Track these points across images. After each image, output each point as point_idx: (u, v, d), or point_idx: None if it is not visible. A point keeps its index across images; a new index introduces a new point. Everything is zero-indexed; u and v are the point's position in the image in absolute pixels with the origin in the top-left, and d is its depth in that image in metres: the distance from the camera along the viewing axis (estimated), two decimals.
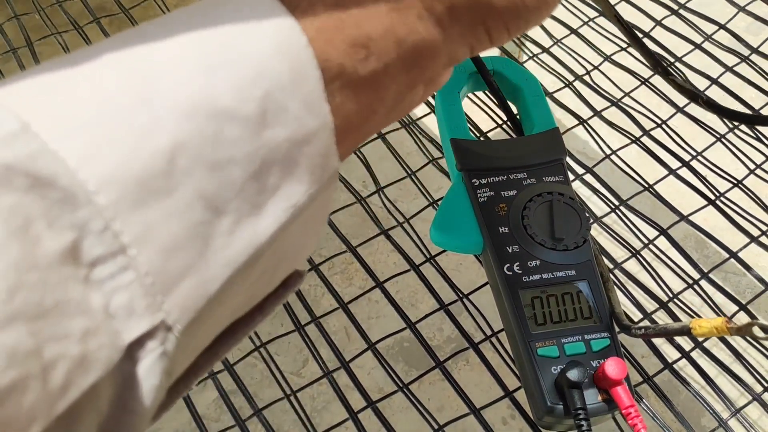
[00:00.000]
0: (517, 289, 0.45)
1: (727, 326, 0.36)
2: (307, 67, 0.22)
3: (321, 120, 0.22)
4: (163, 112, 0.19)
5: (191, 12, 0.22)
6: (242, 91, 0.21)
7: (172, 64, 0.20)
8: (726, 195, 0.61)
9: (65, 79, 0.19)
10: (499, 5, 0.25)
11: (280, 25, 0.22)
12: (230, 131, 0.20)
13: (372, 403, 0.51)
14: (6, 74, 0.75)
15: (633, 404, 0.40)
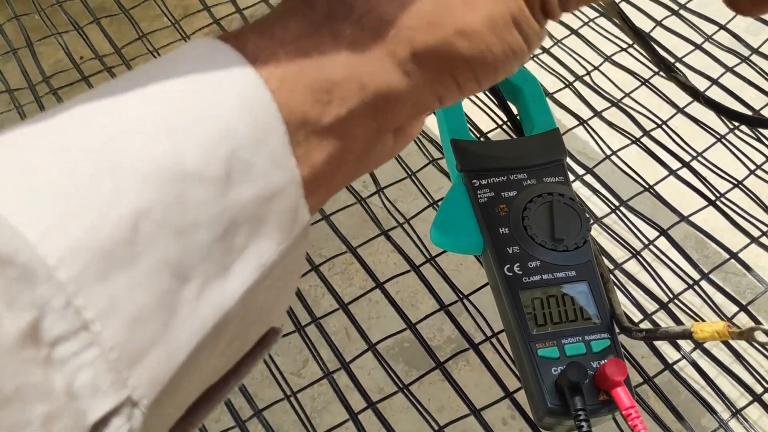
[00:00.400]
0: (518, 290, 0.45)
1: (729, 331, 0.36)
2: (272, 123, 0.21)
3: (288, 174, 0.22)
4: (127, 179, 0.19)
5: (155, 66, 0.22)
6: (207, 152, 0.20)
7: (137, 126, 0.20)
8: (726, 195, 0.61)
9: (27, 146, 0.19)
10: (466, 54, 0.24)
11: (243, 80, 0.21)
12: (196, 194, 0.20)
13: (372, 404, 0.51)
14: (6, 74, 0.75)
15: (633, 405, 0.40)
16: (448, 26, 0.24)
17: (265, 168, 0.21)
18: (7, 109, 0.73)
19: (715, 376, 0.52)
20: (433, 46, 0.24)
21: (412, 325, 0.54)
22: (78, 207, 0.18)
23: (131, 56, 0.76)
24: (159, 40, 0.78)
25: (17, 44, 0.77)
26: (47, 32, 0.78)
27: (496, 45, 0.25)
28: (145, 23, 0.81)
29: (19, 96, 0.72)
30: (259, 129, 0.21)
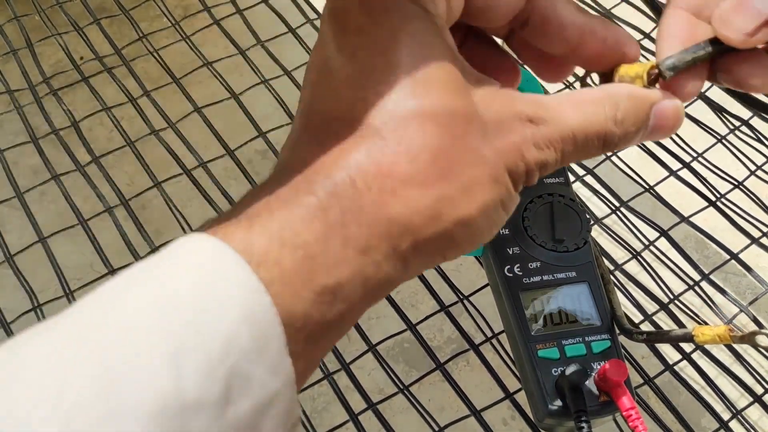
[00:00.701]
0: (518, 291, 0.44)
1: (731, 334, 0.36)
2: (271, 330, 0.22)
3: (284, 378, 0.22)
4: (130, 422, 0.19)
5: (157, 268, 0.22)
6: (208, 376, 0.20)
7: (139, 357, 0.20)
8: (726, 196, 0.61)
9: (29, 393, 0.19)
10: (461, 240, 0.25)
11: (246, 288, 0.21)
12: (196, 423, 0.20)
13: (372, 405, 0.51)
14: (6, 75, 0.75)
15: (634, 406, 0.40)
16: (449, 218, 0.24)
17: (263, 378, 0.21)
18: (8, 110, 0.73)
19: (715, 377, 0.52)
20: (433, 238, 0.24)
21: (412, 326, 0.54)
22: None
23: (131, 57, 0.76)
24: (159, 40, 0.78)
25: (17, 45, 0.77)
26: (47, 33, 0.78)
27: (485, 227, 0.25)
28: (145, 23, 0.81)
29: (19, 97, 0.72)
30: (259, 339, 0.21)
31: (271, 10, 0.77)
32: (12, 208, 0.66)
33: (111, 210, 0.63)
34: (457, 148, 0.24)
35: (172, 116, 0.70)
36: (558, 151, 0.26)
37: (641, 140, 0.28)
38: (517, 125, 0.25)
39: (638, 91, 0.27)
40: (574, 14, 0.29)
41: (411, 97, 0.24)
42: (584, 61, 0.29)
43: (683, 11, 0.28)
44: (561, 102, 0.26)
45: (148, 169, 0.66)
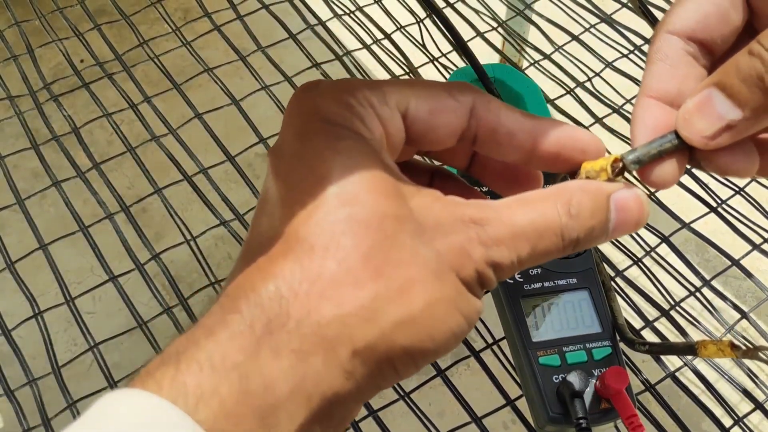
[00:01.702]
0: (519, 298, 0.44)
1: (734, 349, 0.36)
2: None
3: None
4: None
5: None
6: None
7: None
8: (727, 202, 0.61)
9: None
10: (406, 344, 0.24)
11: None
12: None
13: (373, 412, 0.51)
14: (6, 80, 0.75)
15: (634, 413, 0.40)
16: (386, 320, 0.23)
17: None
18: (8, 116, 0.73)
19: (715, 382, 0.52)
20: (372, 343, 0.23)
21: None
22: None
23: (132, 62, 0.76)
24: (160, 45, 0.78)
25: (18, 50, 0.77)
26: (47, 38, 0.78)
27: (436, 331, 0.24)
28: (146, 28, 0.81)
29: (19, 102, 0.72)
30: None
31: (271, 15, 0.77)
32: (12, 213, 0.66)
33: (111, 215, 0.63)
34: (389, 247, 0.24)
35: (172, 121, 0.70)
36: (510, 249, 0.25)
37: (610, 237, 0.27)
38: (459, 227, 0.25)
39: (591, 184, 0.27)
40: (520, 120, 0.28)
41: (339, 206, 0.24)
42: (545, 163, 0.29)
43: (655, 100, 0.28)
44: (509, 203, 0.26)
45: (149, 175, 0.66)
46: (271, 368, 0.22)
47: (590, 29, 0.76)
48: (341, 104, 0.26)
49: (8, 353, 0.55)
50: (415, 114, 0.28)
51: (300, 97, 0.27)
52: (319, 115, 0.26)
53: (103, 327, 0.61)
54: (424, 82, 0.28)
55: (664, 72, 0.28)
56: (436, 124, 0.28)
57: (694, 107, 0.26)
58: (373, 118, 0.27)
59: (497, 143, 0.29)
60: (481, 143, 0.29)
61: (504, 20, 0.78)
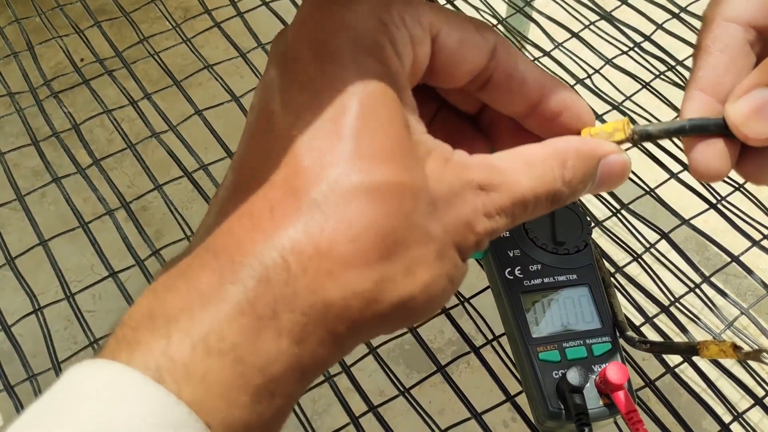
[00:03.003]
0: (519, 293, 0.44)
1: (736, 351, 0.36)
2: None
3: None
4: None
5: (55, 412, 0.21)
6: None
7: None
8: (727, 198, 0.61)
9: None
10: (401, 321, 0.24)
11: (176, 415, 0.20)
12: None
13: (373, 408, 0.51)
14: (6, 77, 0.75)
15: (634, 409, 0.40)
16: (388, 301, 0.23)
17: None
18: (8, 113, 0.73)
19: (716, 379, 0.52)
20: (369, 321, 0.23)
21: (412, 328, 0.54)
22: None
23: (132, 59, 0.76)
24: (160, 43, 0.78)
25: (18, 47, 0.77)
26: (48, 35, 0.78)
27: (428, 308, 0.25)
28: (146, 26, 0.81)
29: (19, 99, 0.73)
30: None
31: (271, 12, 0.77)
32: (12, 210, 0.66)
33: (111, 212, 0.63)
34: (402, 226, 0.23)
35: (172, 118, 0.70)
36: (509, 216, 0.25)
37: (587, 193, 0.27)
38: (468, 196, 0.24)
39: (587, 147, 0.27)
40: (535, 71, 0.28)
41: (356, 172, 0.23)
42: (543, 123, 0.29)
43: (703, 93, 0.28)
44: (512, 162, 0.25)
45: (149, 172, 0.66)
46: (269, 349, 0.22)
47: (590, 26, 0.76)
48: (375, 19, 0.24)
49: (8, 350, 0.55)
50: (445, 41, 0.26)
51: (331, 5, 0.25)
52: (347, 32, 0.24)
53: (103, 325, 0.61)
54: (455, 12, 0.27)
55: (722, 64, 0.28)
56: (462, 56, 0.27)
57: (750, 110, 0.26)
58: (405, 41, 0.25)
59: (509, 89, 0.28)
60: (493, 88, 0.28)
61: (504, 17, 0.78)
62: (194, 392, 0.21)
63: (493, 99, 0.29)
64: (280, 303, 0.22)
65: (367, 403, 0.51)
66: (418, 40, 0.25)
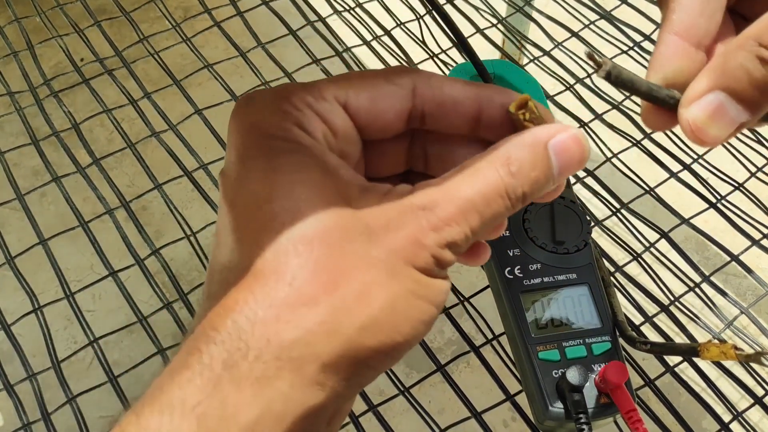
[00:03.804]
0: (518, 293, 0.45)
1: (736, 353, 0.36)
2: None
3: None
4: None
5: None
6: None
7: None
8: (727, 198, 0.61)
9: None
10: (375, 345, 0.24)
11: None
12: None
13: (373, 407, 0.51)
14: (6, 77, 0.75)
15: (634, 408, 0.40)
16: (349, 328, 0.24)
17: None
18: (8, 112, 0.73)
19: (715, 378, 0.52)
20: (340, 352, 0.23)
21: None
22: None
23: (132, 59, 0.76)
24: (160, 42, 0.78)
25: (18, 46, 0.77)
26: (48, 35, 0.78)
27: (402, 325, 0.25)
28: (146, 25, 0.81)
29: (19, 98, 0.73)
30: None
31: (271, 12, 0.77)
32: (12, 210, 0.66)
33: (111, 212, 0.63)
34: (337, 258, 0.24)
35: (172, 118, 0.70)
36: (462, 224, 0.25)
37: (557, 182, 0.27)
38: (408, 218, 0.25)
39: (527, 136, 0.26)
40: (463, 88, 0.28)
41: (283, 229, 0.24)
42: (494, 131, 0.29)
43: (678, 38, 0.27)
44: (452, 177, 0.26)
45: (149, 171, 0.66)
46: (233, 401, 0.23)
47: (590, 26, 0.76)
48: (277, 113, 0.27)
49: (8, 349, 0.55)
50: (356, 104, 0.28)
51: (237, 113, 0.27)
52: (256, 130, 0.26)
53: (103, 325, 0.61)
54: (360, 73, 0.29)
55: (696, 6, 0.27)
56: (379, 109, 0.28)
57: (706, 116, 0.26)
58: (312, 118, 0.27)
59: (445, 115, 0.28)
60: (430, 119, 0.29)
61: (504, 17, 0.78)
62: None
63: (439, 127, 0.29)
64: (236, 357, 0.23)
65: (366, 403, 0.51)
66: (326, 113, 0.27)
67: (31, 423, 0.53)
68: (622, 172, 0.64)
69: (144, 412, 0.23)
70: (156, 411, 0.23)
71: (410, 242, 0.25)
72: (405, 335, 0.25)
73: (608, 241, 0.60)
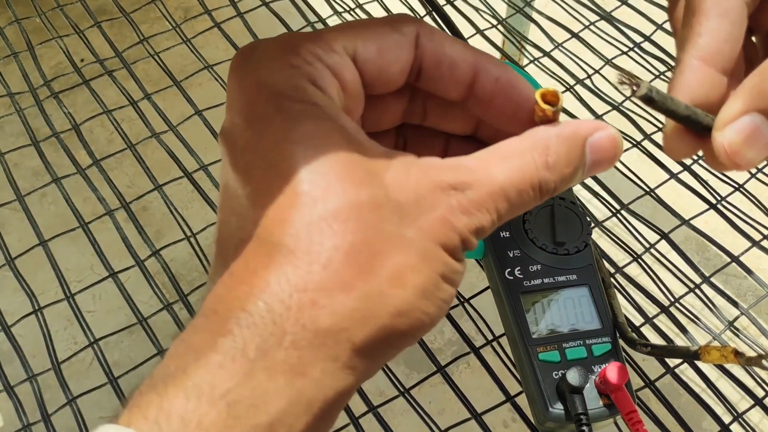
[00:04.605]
0: (518, 294, 0.44)
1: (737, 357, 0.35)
2: None
3: None
4: None
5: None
6: None
7: None
8: (727, 199, 0.61)
9: None
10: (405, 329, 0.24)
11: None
12: None
13: (373, 408, 0.51)
14: (6, 77, 0.75)
15: (634, 409, 0.40)
16: (383, 313, 0.23)
17: None
18: (8, 113, 0.73)
19: (716, 379, 0.52)
20: (373, 337, 0.23)
21: None
22: None
23: (132, 59, 0.76)
24: (160, 43, 0.78)
25: (18, 47, 0.77)
26: (48, 35, 0.78)
27: (430, 307, 0.24)
28: (146, 26, 0.81)
29: (19, 99, 0.73)
30: None
31: (271, 12, 0.77)
32: (13, 211, 0.66)
33: (111, 212, 0.63)
34: (372, 238, 0.23)
35: (172, 119, 0.70)
36: (491, 211, 0.24)
37: (582, 179, 0.26)
38: (439, 197, 0.24)
39: (567, 129, 0.25)
40: (464, 51, 0.28)
41: (312, 204, 0.23)
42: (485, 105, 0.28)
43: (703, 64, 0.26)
44: (485, 159, 0.25)
45: (149, 172, 0.66)
46: (265, 388, 0.22)
47: (590, 27, 0.76)
48: (286, 68, 0.25)
49: (8, 350, 0.55)
50: (365, 55, 0.26)
51: (239, 69, 0.26)
52: (265, 90, 0.25)
53: (103, 325, 0.61)
54: (366, 21, 0.27)
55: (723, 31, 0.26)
56: (387, 60, 0.27)
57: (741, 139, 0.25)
58: (324, 73, 0.25)
59: (440, 75, 0.28)
60: (426, 77, 0.28)
61: (504, 18, 0.78)
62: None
63: (431, 86, 0.28)
64: (270, 343, 0.22)
65: (367, 404, 0.51)
66: (338, 67, 0.26)
67: (31, 424, 0.53)
68: (623, 173, 0.64)
69: (167, 394, 0.22)
70: (181, 394, 0.22)
71: (442, 223, 0.24)
72: (431, 316, 0.24)
73: (608, 242, 0.60)
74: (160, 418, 0.21)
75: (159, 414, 0.21)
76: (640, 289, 0.56)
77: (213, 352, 0.22)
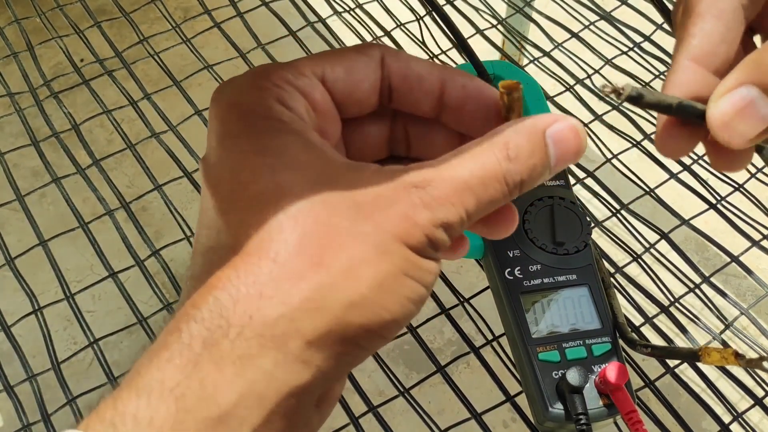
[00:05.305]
0: (518, 294, 0.44)
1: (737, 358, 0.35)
2: None
3: None
4: None
5: None
6: None
7: None
8: (727, 199, 0.61)
9: None
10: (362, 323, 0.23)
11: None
12: None
13: (373, 408, 0.51)
14: (6, 77, 0.75)
15: (634, 409, 0.40)
16: (335, 305, 0.23)
17: None
18: (8, 113, 0.73)
19: (715, 379, 0.52)
20: (325, 329, 0.23)
21: (412, 328, 0.54)
22: None
23: (132, 59, 0.76)
24: (160, 43, 0.78)
25: (18, 47, 0.77)
26: (48, 35, 0.78)
27: (391, 303, 0.24)
28: (146, 26, 0.81)
29: (19, 99, 0.73)
30: None
31: (271, 12, 0.77)
32: (12, 211, 0.66)
33: (111, 212, 0.63)
34: (323, 233, 0.23)
35: (172, 119, 0.70)
36: (457, 205, 0.24)
37: (553, 172, 0.26)
38: (400, 194, 0.24)
39: (526, 122, 0.26)
40: (429, 65, 0.29)
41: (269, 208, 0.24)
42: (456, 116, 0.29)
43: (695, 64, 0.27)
44: (447, 159, 0.25)
45: (149, 172, 0.66)
46: (214, 380, 0.22)
47: (590, 26, 0.76)
48: (256, 91, 0.26)
49: (8, 350, 0.55)
50: (333, 76, 0.28)
51: (216, 98, 0.27)
52: (235, 109, 0.26)
53: (103, 325, 0.61)
54: (334, 50, 0.29)
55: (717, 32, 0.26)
56: (355, 79, 0.28)
57: (734, 110, 0.25)
58: (293, 94, 0.27)
59: (410, 89, 0.29)
60: (397, 95, 0.29)
61: (504, 18, 0.78)
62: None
63: (404, 104, 0.29)
64: (217, 335, 0.22)
65: (366, 404, 0.51)
66: (306, 88, 0.27)
67: (31, 424, 0.53)
68: (622, 173, 0.64)
69: (121, 396, 0.22)
70: (133, 394, 0.22)
71: (401, 219, 0.24)
72: (393, 313, 0.24)
73: (608, 242, 0.60)
74: (115, 419, 0.22)
75: (114, 415, 0.22)
76: (640, 289, 0.56)
77: (163, 350, 0.23)
